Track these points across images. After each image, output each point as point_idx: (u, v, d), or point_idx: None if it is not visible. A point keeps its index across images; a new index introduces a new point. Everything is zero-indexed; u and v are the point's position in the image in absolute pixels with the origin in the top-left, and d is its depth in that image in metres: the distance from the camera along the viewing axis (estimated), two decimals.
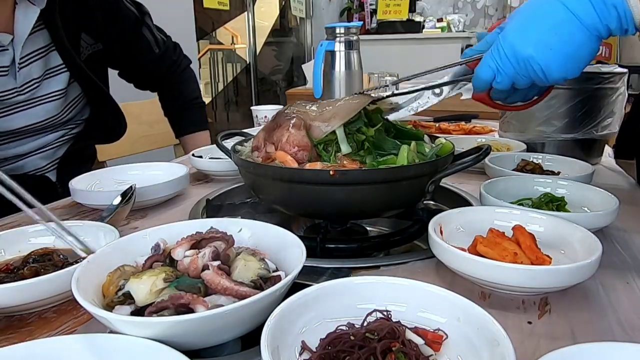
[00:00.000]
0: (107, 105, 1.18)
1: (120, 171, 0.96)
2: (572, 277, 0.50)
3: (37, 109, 1.03)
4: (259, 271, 0.47)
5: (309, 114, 0.67)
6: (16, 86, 0.98)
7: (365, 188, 0.62)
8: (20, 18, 0.95)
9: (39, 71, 1.01)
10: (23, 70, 0.98)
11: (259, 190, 0.72)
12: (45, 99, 1.04)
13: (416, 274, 0.59)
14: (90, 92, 1.13)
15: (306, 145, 0.65)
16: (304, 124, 0.66)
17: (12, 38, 0.95)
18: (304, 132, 0.65)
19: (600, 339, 0.46)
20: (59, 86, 1.06)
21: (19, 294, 0.49)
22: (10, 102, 0.98)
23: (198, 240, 0.51)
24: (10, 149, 1.04)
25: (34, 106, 1.03)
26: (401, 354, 0.37)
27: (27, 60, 0.99)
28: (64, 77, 1.06)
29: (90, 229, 0.64)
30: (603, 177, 1.01)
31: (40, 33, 1.00)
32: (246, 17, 4.56)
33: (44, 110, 1.05)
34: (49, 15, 0.98)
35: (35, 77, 1.01)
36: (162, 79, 1.36)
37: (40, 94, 1.03)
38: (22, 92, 0.99)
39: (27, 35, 0.96)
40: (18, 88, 0.98)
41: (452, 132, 1.45)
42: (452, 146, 0.70)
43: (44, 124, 1.06)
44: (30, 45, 0.99)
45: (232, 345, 0.45)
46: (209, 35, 5.00)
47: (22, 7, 0.95)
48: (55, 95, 1.06)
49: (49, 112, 1.06)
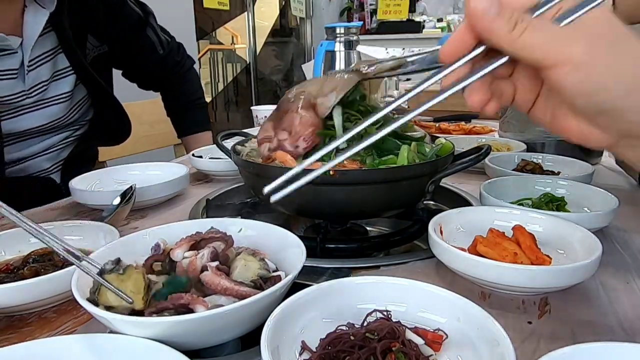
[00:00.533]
0: (111, 107, 1.18)
1: (120, 171, 0.96)
2: (572, 277, 0.50)
3: (44, 111, 1.04)
4: (259, 271, 0.47)
5: (312, 93, 0.68)
6: (24, 89, 0.98)
7: (365, 188, 0.62)
8: (29, 21, 0.95)
9: (47, 74, 1.02)
10: (31, 73, 0.99)
11: (259, 190, 0.72)
12: (52, 101, 1.05)
13: (416, 274, 0.59)
14: (95, 94, 1.13)
15: (318, 123, 0.66)
16: (310, 103, 0.66)
17: (21, 41, 0.95)
18: (312, 111, 0.66)
19: (600, 339, 0.46)
20: (66, 88, 1.06)
21: (19, 294, 0.49)
22: (18, 104, 0.99)
23: (197, 240, 0.51)
24: (16, 151, 1.04)
25: (41, 108, 1.03)
26: (401, 354, 0.37)
27: (35, 63, 0.99)
28: (71, 80, 1.07)
29: (90, 229, 0.64)
30: (603, 177, 1.01)
31: (48, 36, 1.01)
32: (246, 17, 4.57)
33: (50, 112, 1.05)
34: (57, 18, 0.98)
35: (44, 80, 1.01)
36: (165, 79, 1.36)
37: (48, 97, 1.04)
38: (30, 95, 0.99)
39: (36, 38, 0.96)
40: (26, 91, 0.99)
41: (452, 132, 1.45)
42: (452, 146, 0.70)
43: (49, 126, 1.06)
44: (38, 48, 0.99)
45: (232, 345, 0.45)
46: (209, 35, 5.00)
47: (32, 10, 0.95)
48: (62, 98, 1.06)
49: (56, 114, 1.06)
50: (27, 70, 0.97)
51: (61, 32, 1.01)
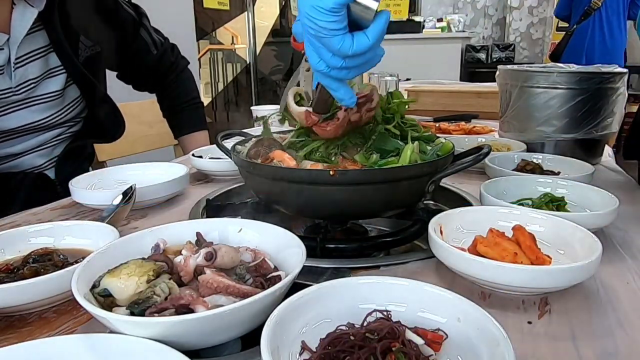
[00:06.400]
0: (105, 106, 1.18)
1: (120, 171, 0.96)
2: (572, 277, 0.50)
3: (33, 109, 1.03)
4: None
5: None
6: (11, 86, 0.98)
7: (365, 188, 0.62)
8: (17, 19, 0.95)
9: (36, 72, 1.01)
10: (19, 70, 0.98)
11: (259, 190, 0.72)
12: (42, 99, 1.04)
13: (416, 274, 0.59)
14: (88, 93, 1.13)
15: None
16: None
17: (7, 38, 0.95)
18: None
19: (600, 339, 0.46)
20: (56, 87, 1.06)
21: (19, 294, 0.49)
22: (5, 101, 0.98)
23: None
24: (6, 147, 1.04)
25: (30, 106, 1.03)
26: (401, 354, 0.37)
27: (23, 60, 0.99)
28: (61, 79, 1.07)
29: (90, 229, 0.64)
30: (603, 177, 1.01)
31: (40, 33, 1.00)
32: (246, 17, 4.57)
33: (40, 110, 1.05)
34: (47, 16, 0.98)
35: (32, 78, 1.01)
36: (160, 80, 1.36)
37: (36, 94, 1.03)
38: (17, 92, 0.99)
39: (23, 36, 0.96)
40: (13, 88, 0.98)
41: (452, 132, 1.45)
42: (452, 146, 0.70)
43: (40, 124, 1.06)
44: (27, 45, 0.99)
45: (232, 345, 0.45)
46: (209, 35, 5.00)
47: (20, 8, 0.95)
48: (53, 96, 1.06)
49: (45, 112, 1.06)
50: (13, 67, 0.97)
51: (51, 30, 1.00)
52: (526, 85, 1.08)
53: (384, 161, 0.65)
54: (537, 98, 1.07)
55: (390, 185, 0.62)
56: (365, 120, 0.67)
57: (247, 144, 0.77)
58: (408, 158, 0.64)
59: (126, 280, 0.44)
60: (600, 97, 1.03)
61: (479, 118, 1.68)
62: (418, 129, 0.73)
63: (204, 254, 0.48)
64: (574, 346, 0.44)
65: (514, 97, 1.11)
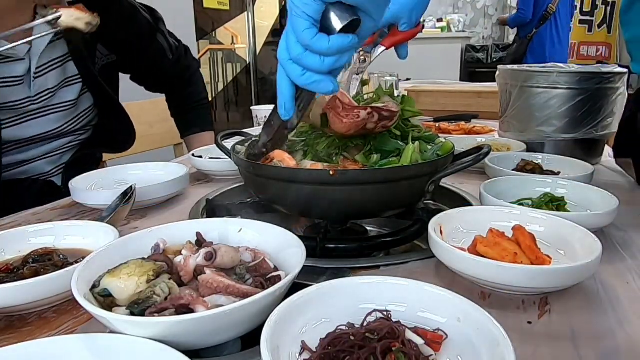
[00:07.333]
0: (117, 116, 1.19)
1: (120, 171, 0.96)
2: (572, 277, 0.50)
3: (49, 117, 1.04)
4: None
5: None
6: (30, 95, 0.99)
7: (365, 188, 0.62)
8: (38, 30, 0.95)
9: (54, 81, 1.02)
10: (38, 80, 0.99)
11: (259, 190, 0.72)
12: (57, 108, 1.05)
13: (416, 274, 0.59)
14: (102, 102, 1.14)
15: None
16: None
17: (29, 48, 0.96)
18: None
19: (600, 339, 0.46)
20: (72, 96, 1.07)
21: (19, 294, 0.49)
22: (23, 110, 0.99)
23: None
24: (17, 154, 1.04)
25: (45, 115, 1.04)
26: (401, 354, 0.37)
27: (43, 70, 1.00)
28: (77, 88, 1.08)
29: (90, 229, 0.64)
30: (603, 177, 1.01)
31: (58, 43, 1.01)
32: (246, 17, 4.57)
33: (55, 119, 1.06)
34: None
35: (50, 87, 1.02)
36: (173, 82, 1.37)
37: (53, 103, 1.04)
38: (35, 102, 1.00)
39: (44, 47, 0.97)
40: (32, 97, 0.99)
41: (452, 132, 1.45)
42: (452, 146, 0.70)
43: (52, 133, 1.07)
44: (47, 55, 1.00)
45: (232, 345, 0.45)
46: (209, 35, 5.00)
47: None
48: (67, 105, 1.07)
49: (60, 121, 1.07)
50: (33, 77, 0.98)
51: (71, 40, 1.01)
52: (526, 85, 1.08)
53: (385, 161, 0.65)
54: (537, 98, 1.07)
55: (390, 185, 0.62)
56: (376, 132, 0.67)
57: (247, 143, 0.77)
58: (409, 158, 0.64)
59: (126, 280, 0.44)
60: (600, 97, 1.03)
61: (479, 118, 1.68)
62: (419, 129, 0.73)
63: (204, 254, 0.48)
64: (574, 346, 0.44)
65: (514, 97, 1.11)
